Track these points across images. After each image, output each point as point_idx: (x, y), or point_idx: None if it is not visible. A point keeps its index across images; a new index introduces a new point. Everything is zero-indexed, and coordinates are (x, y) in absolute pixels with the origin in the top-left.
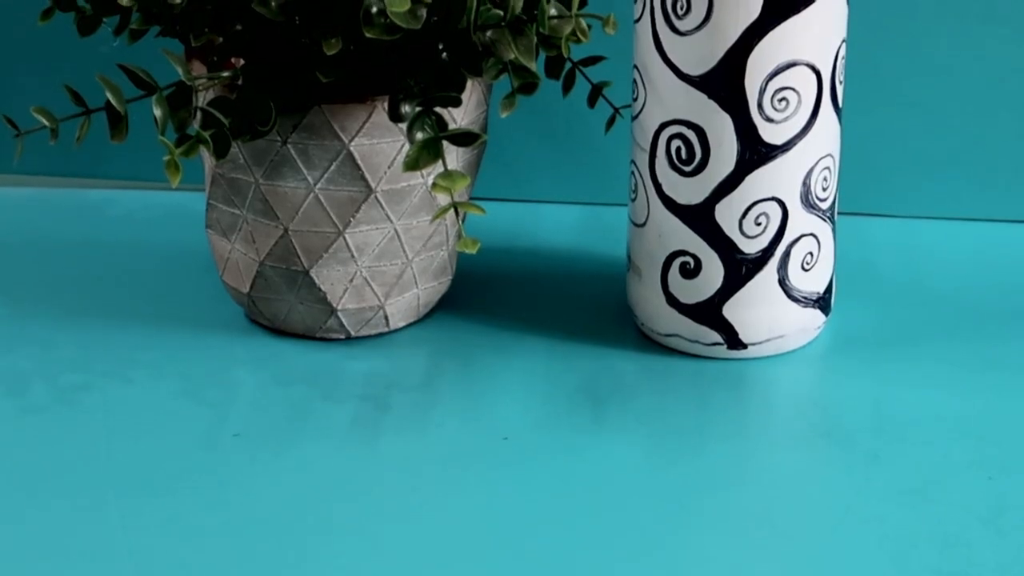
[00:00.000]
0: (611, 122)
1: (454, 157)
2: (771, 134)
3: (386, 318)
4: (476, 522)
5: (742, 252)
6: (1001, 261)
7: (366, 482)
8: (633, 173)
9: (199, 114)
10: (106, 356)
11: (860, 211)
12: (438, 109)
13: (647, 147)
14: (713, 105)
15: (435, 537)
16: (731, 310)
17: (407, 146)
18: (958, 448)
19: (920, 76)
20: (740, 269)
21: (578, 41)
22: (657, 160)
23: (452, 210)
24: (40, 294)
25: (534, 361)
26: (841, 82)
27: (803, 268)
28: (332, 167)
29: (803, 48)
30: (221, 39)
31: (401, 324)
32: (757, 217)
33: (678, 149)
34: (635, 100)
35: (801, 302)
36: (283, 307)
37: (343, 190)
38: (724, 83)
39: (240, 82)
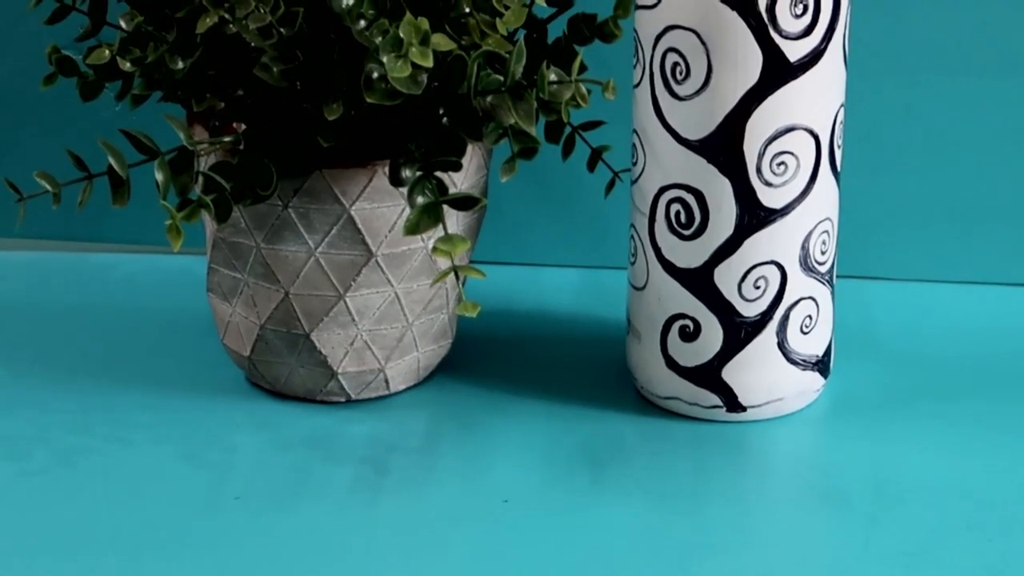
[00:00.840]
0: (611, 186)
1: (454, 221)
2: (770, 198)
3: (386, 381)
4: None
5: (741, 315)
6: (1000, 324)
7: (367, 544)
8: (633, 237)
9: (201, 178)
10: (107, 419)
11: (858, 274)
12: (439, 173)
13: (646, 211)
14: (712, 169)
15: None
16: (730, 373)
17: (408, 210)
18: (957, 511)
19: (918, 140)
20: (739, 332)
21: (578, 106)
22: (656, 224)
23: (452, 274)
24: (41, 357)
25: (534, 424)
26: (840, 146)
27: (802, 331)
28: (333, 231)
29: (801, 113)
30: (223, 104)
31: (401, 387)
32: (756, 280)
33: (677, 213)
34: (634, 164)
35: (800, 365)
36: (284, 370)
37: (344, 254)
38: (723, 147)
39: (242, 147)
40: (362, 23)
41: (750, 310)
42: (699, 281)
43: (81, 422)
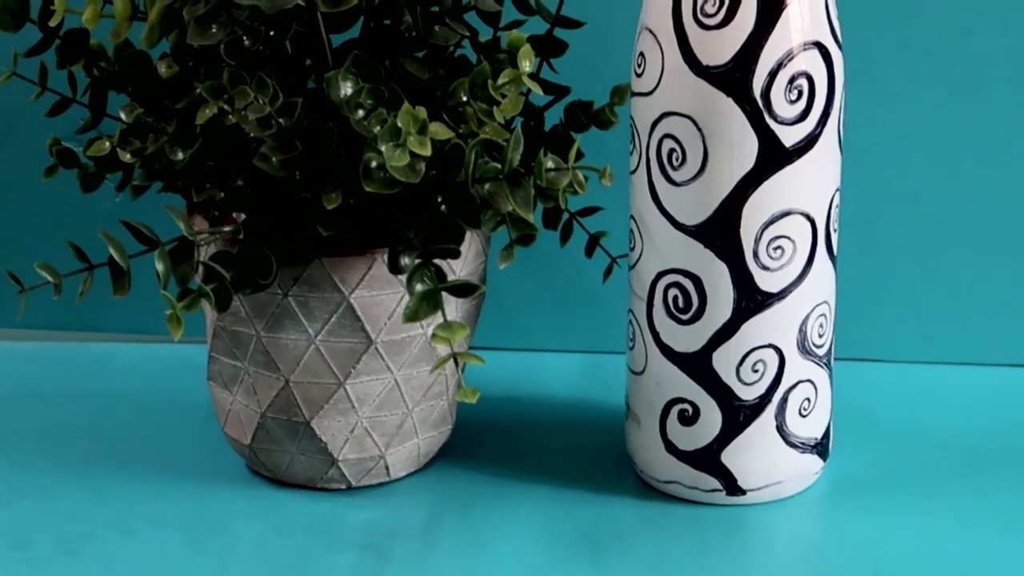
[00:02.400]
0: (608, 272)
1: (453, 307)
2: (767, 282)
3: (387, 468)
4: None
5: (740, 399)
6: (998, 405)
7: None
8: (631, 322)
9: (201, 268)
10: (108, 507)
11: (856, 356)
12: (437, 261)
13: (644, 296)
14: (709, 254)
15: None
16: (730, 456)
17: (407, 297)
18: None
19: (914, 222)
20: (738, 416)
21: (575, 192)
22: (654, 309)
23: (452, 360)
24: (43, 446)
25: (534, 509)
26: (836, 230)
27: (801, 414)
28: (333, 319)
29: (797, 197)
30: (222, 194)
31: (402, 473)
32: (754, 364)
33: (675, 298)
34: (632, 250)
35: (799, 448)
36: (284, 458)
37: (344, 341)
38: (720, 232)
39: (241, 236)
40: (360, 113)
41: (749, 393)
42: (697, 365)
43: (83, 510)
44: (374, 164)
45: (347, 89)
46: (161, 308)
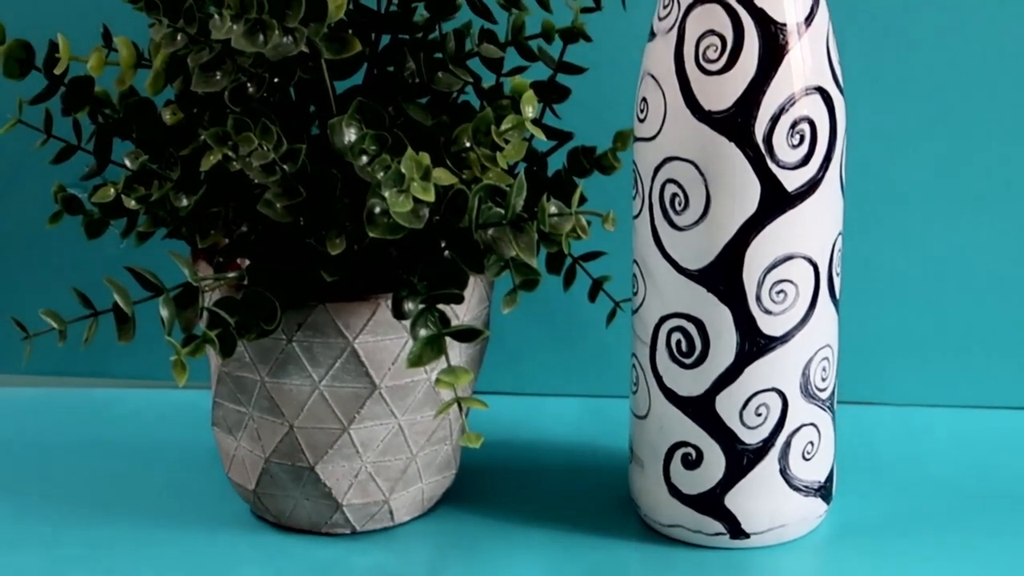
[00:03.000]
0: (612, 316)
1: (457, 352)
2: (770, 326)
3: (391, 512)
4: None
5: (743, 443)
6: (1001, 448)
7: None
8: (634, 366)
9: (205, 314)
10: (113, 554)
11: (859, 400)
12: (441, 306)
13: (647, 340)
14: (712, 298)
15: None
16: (733, 500)
17: (410, 342)
18: None
19: (916, 266)
20: (741, 459)
21: (578, 237)
22: (658, 353)
23: (456, 405)
24: (47, 493)
25: (538, 553)
26: (838, 274)
27: (804, 457)
28: (337, 364)
29: (800, 241)
30: (227, 240)
31: (406, 518)
32: (757, 408)
33: (678, 342)
34: (635, 294)
35: (802, 491)
36: (288, 503)
37: (348, 387)
38: (722, 277)
39: (245, 282)
40: (364, 159)
41: (752, 437)
42: (701, 409)
43: (88, 557)
44: (378, 210)
45: (351, 135)
46: (166, 354)
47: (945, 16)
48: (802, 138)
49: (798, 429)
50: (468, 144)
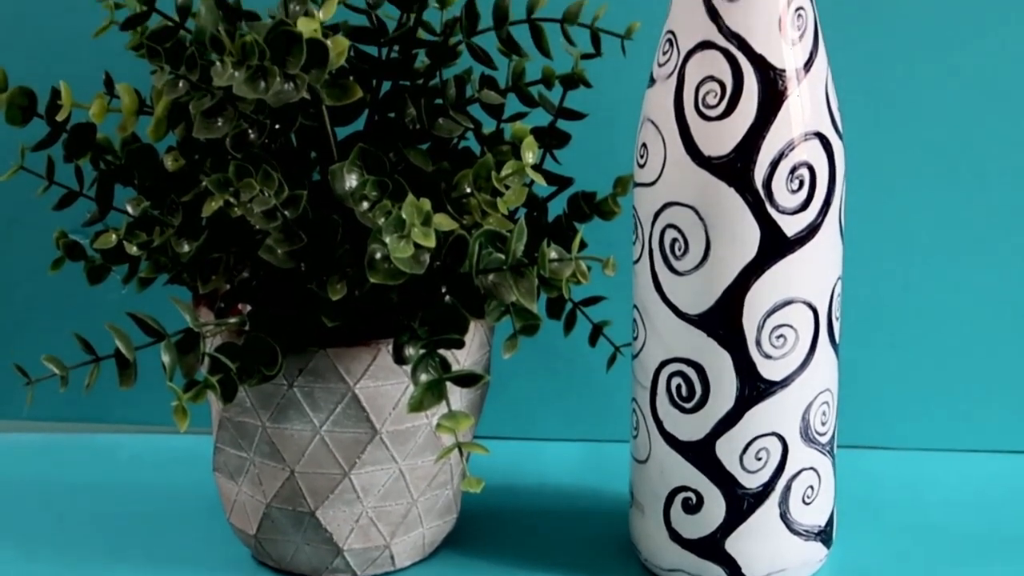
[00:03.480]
0: (612, 360)
1: (457, 397)
2: (770, 370)
3: (392, 557)
4: None
5: (743, 487)
6: (1001, 492)
7: None
8: (634, 410)
9: (207, 359)
10: None
11: (859, 444)
12: (441, 351)
13: (648, 384)
14: (712, 343)
15: None
16: (733, 544)
17: (411, 387)
18: None
19: (915, 310)
20: (742, 504)
21: (578, 283)
22: (658, 397)
23: (456, 450)
24: (49, 537)
25: None
26: (838, 318)
27: (804, 502)
28: (338, 409)
29: (800, 286)
30: (228, 286)
31: (407, 563)
32: (758, 452)
33: (678, 386)
34: (635, 339)
35: (803, 535)
36: (290, 548)
37: (348, 432)
38: (722, 321)
39: (247, 327)
40: (365, 204)
41: (752, 481)
42: (701, 453)
43: None
44: (379, 255)
45: (352, 181)
46: (167, 399)
47: (944, 62)
48: (801, 183)
49: (798, 473)
50: (469, 190)
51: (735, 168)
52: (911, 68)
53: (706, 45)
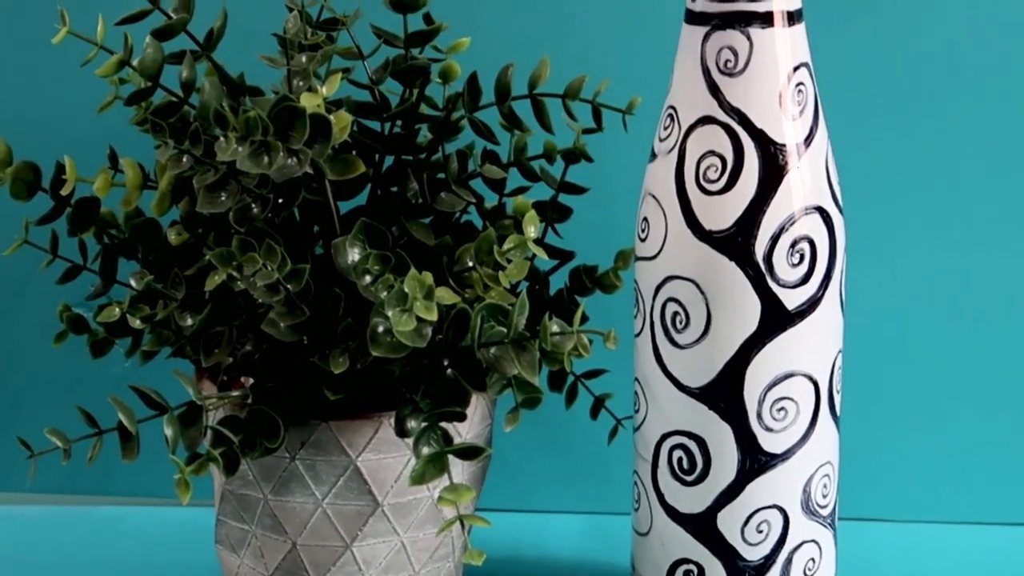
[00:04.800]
0: (613, 433)
1: (459, 469)
2: (771, 443)
3: None
4: None
5: (745, 559)
6: (1002, 564)
7: None
8: (636, 483)
9: (209, 432)
10: None
11: (860, 516)
12: (443, 424)
13: (649, 457)
14: (713, 416)
15: None
16: None
17: (413, 460)
18: None
19: (916, 382)
20: None
21: (580, 356)
22: (659, 470)
23: (458, 522)
24: None
25: None
26: (838, 391)
27: (805, 574)
28: (340, 482)
29: (800, 359)
30: (231, 359)
31: None
32: (759, 525)
33: (680, 459)
34: (637, 411)
35: None
36: None
37: (350, 504)
38: (723, 394)
39: (249, 400)
40: (368, 278)
41: (753, 554)
42: (702, 526)
43: None
44: (381, 329)
45: (354, 255)
46: (169, 472)
47: (944, 136)
48: (802, 257)
49: (799, 546)
50: (471, 263)
51: (736, 242)
52: (911, 142)
53: (707, 120)
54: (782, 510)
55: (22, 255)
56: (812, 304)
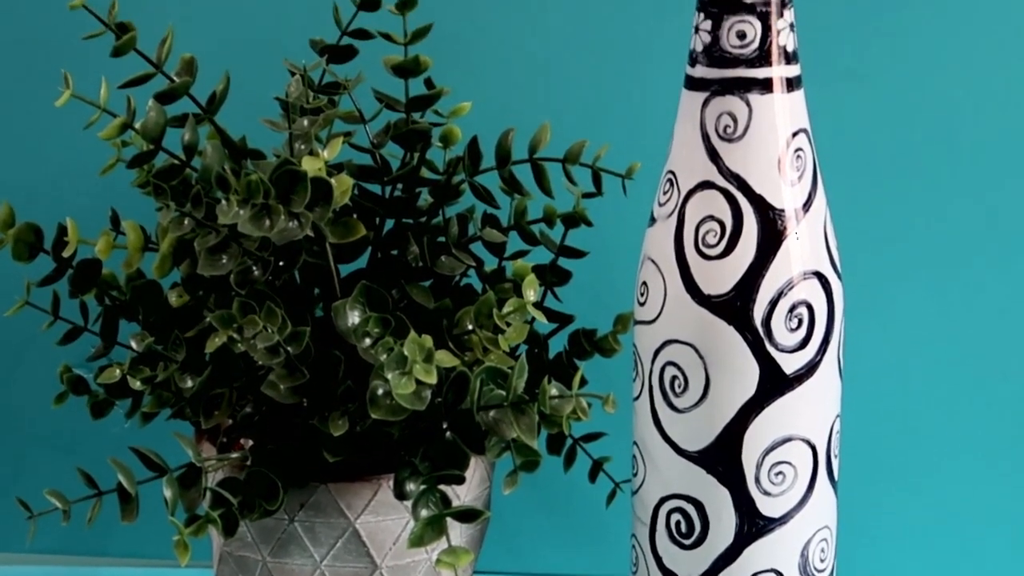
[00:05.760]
0: (612, 496)
1: (458, 532)
2: (769, 507)
3: None
4: None
5: None
6: None
7: None
8: (634, 546)
9: (208, 494)
10: None
11: None
12: (442, 487)
13: (647, 520)
14: (711, 479)
15: None
16: None
17: (412, 522)
18: None
19: (914, 447)
20: None
21: (579, 419)
22: (657, 533)
23: None
24: None
25: None
26: (836, 455)
27: None
28: (338, 544)
29: (799, 423)
30: (230, 421)
31: None
32: None
33: (678, 523)
34: (635, 475)
35: None
36: None
37: (349, 566)
38: (722, 458)
39: (248, 462)
40: (367, 341)
41: None
42: None
43: None
44: (380, 391)
45: (354, 318)
46: (168, 533)
47: (943, 202)
48: (800, 322)
49: None
50: (470, 327)
51: (735, 306)
52: (909, 208)
53: (706, 185)
54: (780, 574)
55: (23, 316)
56: (810, 368)
